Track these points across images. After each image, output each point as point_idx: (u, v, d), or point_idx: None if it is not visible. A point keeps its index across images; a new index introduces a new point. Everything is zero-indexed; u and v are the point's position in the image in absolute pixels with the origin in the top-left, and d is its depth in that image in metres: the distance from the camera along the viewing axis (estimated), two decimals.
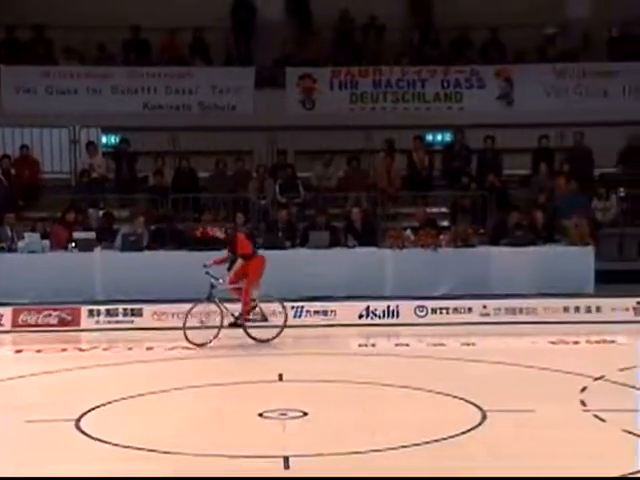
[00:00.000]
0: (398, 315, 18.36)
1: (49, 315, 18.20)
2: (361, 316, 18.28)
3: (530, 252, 19.48)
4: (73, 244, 19.44)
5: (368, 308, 18.34)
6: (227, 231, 17.59)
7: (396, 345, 16.99)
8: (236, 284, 16.91)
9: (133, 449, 10.73)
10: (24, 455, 10.60)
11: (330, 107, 23.72)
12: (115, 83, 23.60)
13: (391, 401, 12.99)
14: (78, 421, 11.80)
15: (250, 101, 23.69)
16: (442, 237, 19.55)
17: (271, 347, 16.76)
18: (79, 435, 11.33)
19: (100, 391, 13.31)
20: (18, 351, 16.68)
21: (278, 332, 16.93)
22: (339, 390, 13.55)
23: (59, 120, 23.23)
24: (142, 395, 13.17)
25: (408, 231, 19.82)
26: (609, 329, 17.58)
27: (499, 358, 15.36)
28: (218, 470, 10.08)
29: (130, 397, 13.05)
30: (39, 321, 18.16)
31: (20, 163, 22.87)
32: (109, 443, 10.95)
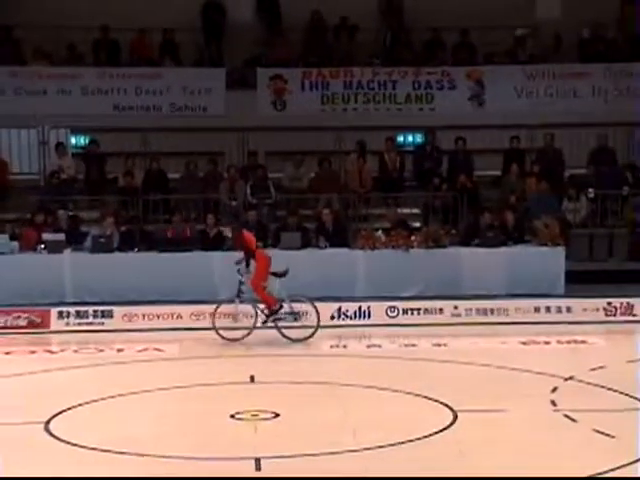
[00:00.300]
0: (369, 316, 18.35)
1: (18, 317, 18.05)
2: (332, 317, 18.25)
3: (501, 253, 19.52)
4: (42, 246, 19.30)
5: (339, 309, 18.32)
6: (233, 229, 17.65)
7: (368, 346, 16.98)
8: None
9: (104, 452, 10.67)
10: None
11: (301, 108, 23.68)
12: (85, 84, 23.44)
13: (363, 402, 12.99)
14: (47, 424, 11.73)
15: (221, 102, 23.61)
16: (413, 238, 19.54)
17: (243, 348, 16.72)
18: (48, 438, 11.26)
19: (70, 393, 13.23)
20: None
21: (312, 332, 16.93)
22: (311, 391, 13.54)
23: (28, 121, 23.07)
24: (113, 397, 13.11)
25: (379, 232, 19.80)
26: (580, 329, 17.64)
27: (470, 358, 15.39)
28: (190, 472, 10.04)
29: (100, 399, 12.98)
30: (8, 323, 18.01)
31: None
32: (79, 446, 10.88)
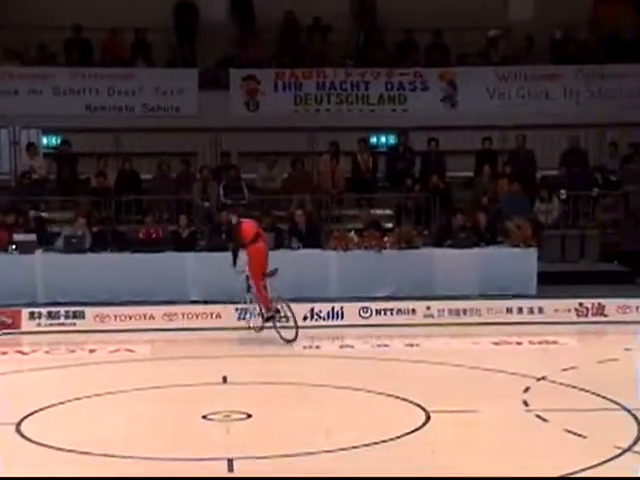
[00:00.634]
0: (342, 316, 18.36)
1: None
2: (305, 318, 18.23)
3: (473, 253, 19.56)
4: (13, 246, 19.20)
5: (312, 310, 18.31)
6: (239, 219, 17.67)
7: (340, 346, 16.99)
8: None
9: (76, 453, 10.62)
10: None
11: (274, 109, 23.65)
12: (56, 84, 23.32)
13: (335, 402, 12.99)
14: (19, 425, 11.67)
15: (194, 102, 23.55)
16: (386, 239, 19.57)
17: (215, 349, 16.68)
18: (19, 439, 11.20)
19: (41, 394, 13.16)
20: None
21: (295, 334, 16.82)
22: (283, 392, 13.52)
23: None
24: (84, 398, 13.05)
25: (352, 233, 19.82)
26: (551, 330, 17.72)
27: (443, 359, 15.42)
28: (161, 473, 10.01)
29: (72, 400, 12.93)
30: None
31: None
32: (51, 447, 10.82)
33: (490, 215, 20.91)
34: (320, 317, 18.31)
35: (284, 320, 17.00)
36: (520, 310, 18.50)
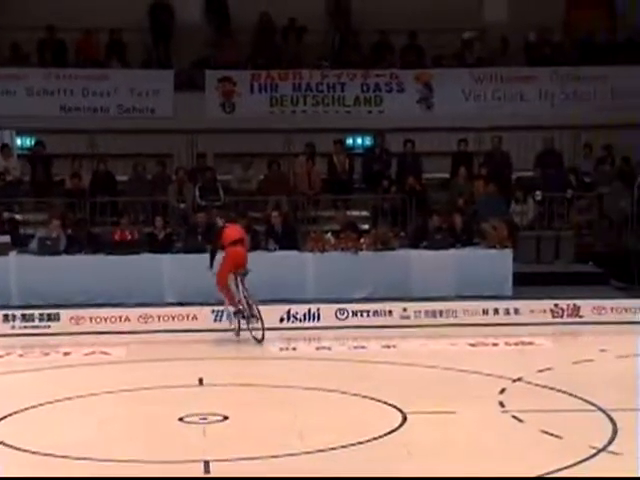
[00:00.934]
0: (319, 318, 18.34)
1: None
2: (282, 319, 18.21)
3: (450, 255, 19.59)
4: None
5: (289, 311, 18.28)
6: (226, 222, 17.71)
7: (317, 348, 16.98)
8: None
9: (51, 456, 10.56)
10: None
11: (250, 110, 23.62)
12: (30, 84, 23.22)
13: (312, 404, 12.98)
14: None
15: (169, 104, 23.50)
16: (363, 240, 19.57)
17: (191, 351, 16.64)
18: None
19: (16, 398, 13.09)
20: None
21: (262, 335, 16.89)
22: (260, 394, 13.51)
23: None
24: (59, 401, 12.99)
25: (329, 234, 19.80)
26: (527, 331, 17.77)
27: (419, 360, 15.44)
28: (139, 475, 9.97)
29: (46, 403, 12.86)
30: None
31: None
32: (26, 451, 10.76)
33: (466, 216, 20.96)
34: (297, 319, 18.28)
35: (254, 320, 17.03)
36: (496, 311, 18.53)
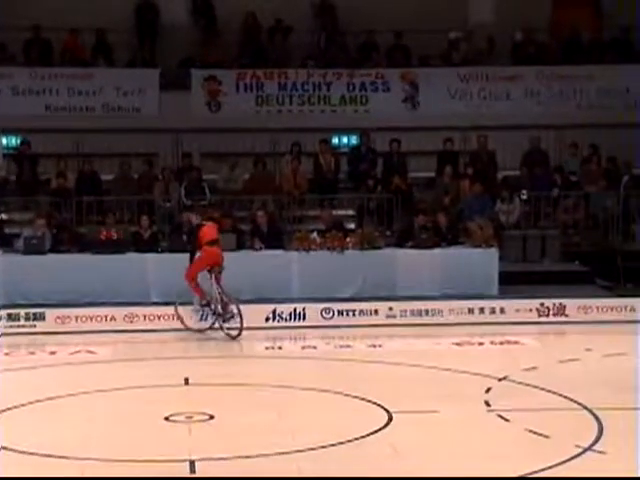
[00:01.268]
0: (305, 317, 18.33)
1: None
2: (268, 319, 18.20)
3: (435, 254, 19.60)
4: None
5: (275, 311, 18.26)
6: (202, 221, 17.79)
7: (303, 347, 16.98)
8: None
9: (38, 455, 10.54)
10: None
11: (236, 109, 23.62)
12: (15, 84, 23.17)
13: (298, 403, 12.98)
14: None
15: (155, 103, 23.48)
16: (348, 239, 19.56)
17: (177, 350, 16.63)
18: None
19: (2, 397, 13.03)
20: None
21: (239, 331, 17.07)
22: (245, 393, 13.50)
23: None
24: (46, 400, 12.95)
25: (314, 234, 19.78)
26: (513, 330, 17.78)
27: (405, 359, 15.44)
28: (124, 474, 9.95)
29: (33, 402, 12.82)
30: None
31: None
32: (13, 450, 10.73)
33: (451, 216, 20.98)
34: (282, 318, 18.26)
35: (229, 318, 17.16)
36: (482, 310, 18.55)
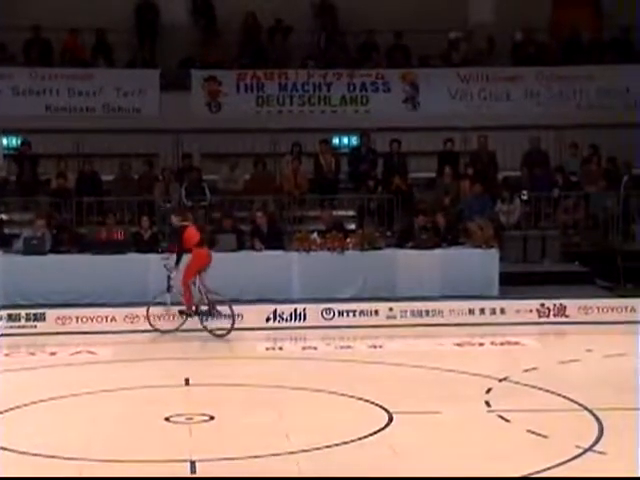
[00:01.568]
0: (305, 318, 18.33)
1: None
2: (268, 319, 18.21)
3: (436, 255, 19.59)
4: None
5: (275, 311, 18.26)
6: (182, 222, 17.75)
7: (303, 348, 16.98)
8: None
9: (39, 456, 10.54)
10: None
11: (236, 110, 23.62)
12: (16, 84, 23.17)
13: (298, 404, 12.98)
14: None
15: (155, 103, 23.48)
16: (349, 240, 19.56)
17: (178, 351, 16.62)
18: None
19: (2, 398, 13.03)
20: None
21: (229, 330, 17.19)
22: (246, 394, 13.50)
23: None
24: (46, 401, 12.95)
25: (315, 234, 19.79)
26: (513, 331, 17.78)
27: (405, 360, 15.44)
28: (125, 475, 9.95)
29: (34, 403, 12.83)
30: None
31: None
32: (14, 451, 10.73)
33: (450, 216, 20.98)
34: (282, 319, 18.26)
35: (214, 316, 17.32)
36: (482, 311, 18.55)
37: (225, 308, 17.39)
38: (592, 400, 12.55)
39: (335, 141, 24.25)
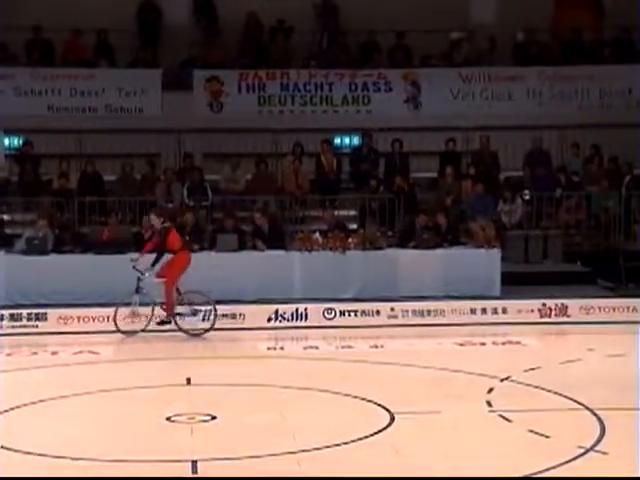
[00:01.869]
0: (307, 318, 18.34)
1: None
2: (270, 319, 18.22)
3: (437, 255, 19.60)
4: None
5: (277, 311, 18.28)
6: (163, 223, 17.63)
7: (305, 348, 16.99)
8: (163, 278, 17.23)
9: (41, 456, 10.54)
10: None
11: (238, 110, 23.62)
12: (17, 84, 23.18)
13: (300, 404, 12.98)
14: None
15: (157, 103, 23.48)
16: (350, 240, 19.57)
17: (179, 350, 16.63)
18: None
19: (4, 397, 13.04)
20: None
21: (210, 326, 17.27)
22: (248, 394, 13.50)
23: None
24: (48, 400, 12.96)
25: (316, 234, 19.81)
26: (515, 330, 17.80)
27: (407, 360, 15.45)
28: (126, 475, 9.95)
29: (36, 402, 12.83)
30: None
31: None
32: (17, 451, 10.73)
33: (453, 216, 20.98)
34: (284, 318, 18.28)
35: (189, 313, 17.33)
36: (484, 311, 18.56)
37: (209, 308, 17.40)
38: (594, 400, 12.54)
39: (337, 141, 24.27)
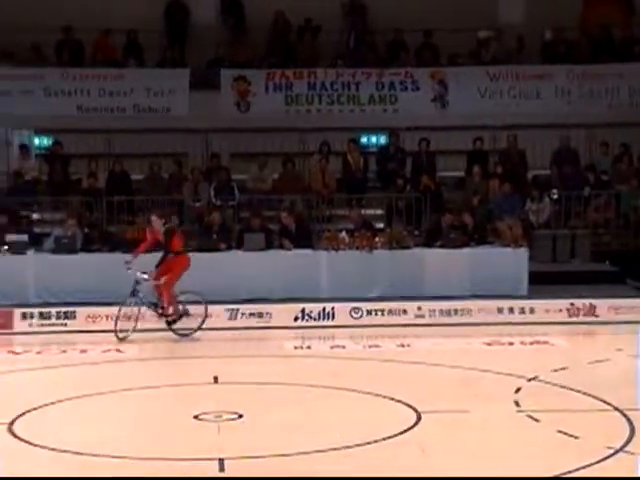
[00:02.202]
0: (333, 317, 18.35)
1: None
2: (296, 318, 18.25)
3: (464, 254, 19.56)
4: (6, 247, 19.17)
5: (303, 310, 18.30)
6: (166, 224, 17.61)
7: (332, 347, 17.00)
8: (159, 280, 17.15)
9: (69, 453, 10.61)
10: None
11: (265, 109, 23.63)
12: (47, 85, 23.29)
13: (326, 403, 12.99)
14: (11, 425, 11.65)
15: (185, 103, 23.52)
16: (377, 239, 19.56)
17: (206, 349, 16.68)
18: (12, 439, 11.18)
19: (34, 394, 13.15)
20: None
21: (199, 325, 17.23)
22: (274, 392, 13.53)
23: None
24: (77, 398, 13.04)
25: (343, 233, 19.81)
26: (543, 330, 17.74)
27: (434, 359, 15.44)
28: (152, 473, 10.01)
29: (65, 400, 12.91)
30: None
31: None
32: (44, 447, 10.81)
33: (480, 215, 20.93)
34: (311, 317, 18.30)
35: (179, 317, 17.32)
36: (511, 310, 18.52)
37: (200, 308, 17.37)
38: (622, 400, 12.49)
39: (363, 140, 24.27)
